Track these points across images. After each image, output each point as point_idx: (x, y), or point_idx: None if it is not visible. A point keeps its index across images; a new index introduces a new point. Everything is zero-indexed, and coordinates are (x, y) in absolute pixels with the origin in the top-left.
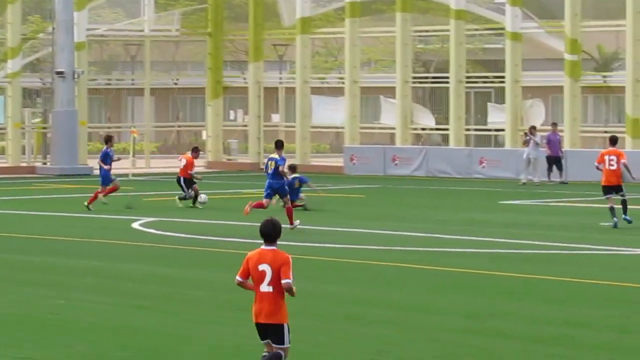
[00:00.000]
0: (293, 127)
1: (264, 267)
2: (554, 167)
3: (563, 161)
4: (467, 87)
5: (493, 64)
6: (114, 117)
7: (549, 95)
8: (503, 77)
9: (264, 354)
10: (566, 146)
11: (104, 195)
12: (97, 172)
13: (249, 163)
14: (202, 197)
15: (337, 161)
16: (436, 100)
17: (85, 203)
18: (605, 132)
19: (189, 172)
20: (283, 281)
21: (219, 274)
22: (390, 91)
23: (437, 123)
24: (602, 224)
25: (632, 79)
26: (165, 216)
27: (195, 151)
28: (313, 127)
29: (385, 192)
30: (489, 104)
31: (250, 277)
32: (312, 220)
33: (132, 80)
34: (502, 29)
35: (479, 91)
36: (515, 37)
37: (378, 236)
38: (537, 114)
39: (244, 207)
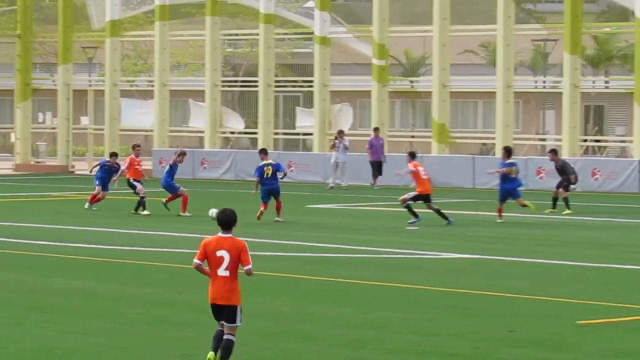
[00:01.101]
0: (102, 129)
1: (223, 253)
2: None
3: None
4: (276, 91)
5: (302, 68)
6: None
7: (357, 100)
8: (312, 81)
9: (218, 327)
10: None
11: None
12: None
13: (58, 166)
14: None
15: (146, 164)
16: (245, 104)
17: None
18: (412, 136)
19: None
20: (245, 267)
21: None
22: (199, 94)
23: (246, 127)
24: (407, 228)
25: (439, 84)
26: None
27: (134, 148)
28: (122, 130)
29: (193, 195)
30: (297, 107)
31: (206, 261)
32: (116, 224)
33: None
34: (311, 33)
35: (287, 95)
36: (324, 41)
37: (184, 239)
38: (345, 118)
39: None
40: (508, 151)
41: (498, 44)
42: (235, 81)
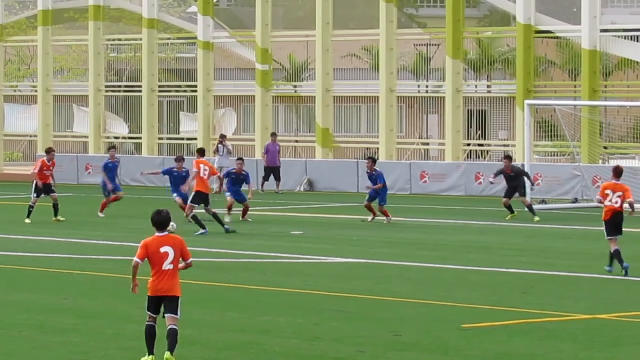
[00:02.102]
0: None
1: (167, 249)
2: (272, 177)
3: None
4: (160, 96)
5: (186, 73)
6: None
7: (240, 105)
8: (195, 86)
9: (148, 322)
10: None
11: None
12: None
13: None
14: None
15: (30, 169)
16: (129, 109)
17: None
18: (297, 141)
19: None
20: (188, 261)
21: None
22: (83, 100)
23: (130, 132)
24: (291, 232)
25: (322, 89)
26: None
27: (48, 153)
28: (6, 135)
29: (78, 200)
30: (181, 113)
31: (145, 260)
32: (0, 230)
33: None
34: (195, 38)
35: (171, 100)
36: (207, 46)
37: (69, 244)
38: (229, 123)
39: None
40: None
41: (381, 48)
42: (119, 86)
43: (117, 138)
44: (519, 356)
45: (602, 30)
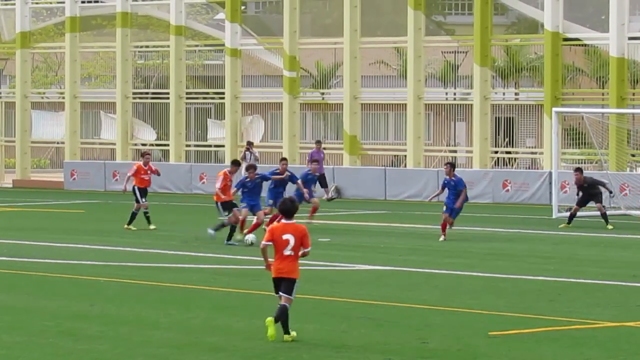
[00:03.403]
0: (13, 142)
1: (288, 236)
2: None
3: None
4: (187, 103)
5: (213, 80)
6: None
7: (268, 112)
8: (223, 93)
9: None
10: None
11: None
12: None
13: None
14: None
15: (57, 176)
16: (157, 116)
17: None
18: (324, 148)
19: None
20: (306, 249)
21: None
22: (110, 106)
23: (157, 138)
24: (319, 239)
25: (350, 96)
26: None
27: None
28: (33, 142)
29: (105, 207)
30: (208, 119)
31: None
32: (28, 237)
33: None
34: (222, 45)
35: (199, 107)
36: (235, 53)
37: (96, 251)
38: (256, 130)
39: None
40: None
41: (409, 55)
42: (146, 93)
43: (144, 145)
44: None
45: (630, 38)
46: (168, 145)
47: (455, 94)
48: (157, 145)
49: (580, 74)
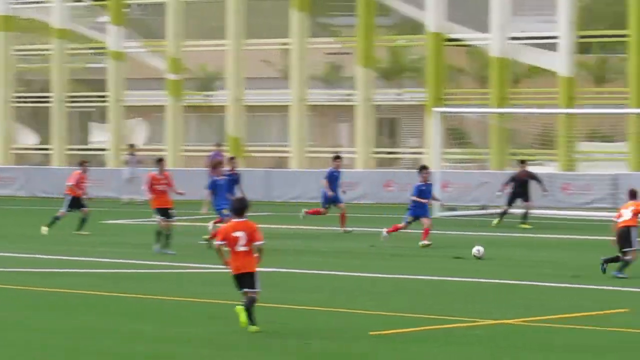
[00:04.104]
0: None
1: (239, 233)
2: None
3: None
4: (69, 107)
5: (96, 83)
6: None
7: (152, 115)
8: (106, 96)
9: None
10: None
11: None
12: None
13: None
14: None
15: None
16: (39, 120)
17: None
18: (208, 151)
19: None
20: (259, 242)
21: None
22: None
23: (40, 142)
24: (199, 242)
25: (234, 99)
26: None
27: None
28: None
29: None
30: (91, 123)
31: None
32: None
33: None
34: (105, 48)
35: (82, 110)
36: (118, 56)
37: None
38: (140, 133)
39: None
40: None
41: (293, 57)
42: (28, 97)
43: (26, 149)
44: None
45: (511, 38)
46: (51, 149)
47: (338, 95)
48: (39, 149)
49: (463, 74)
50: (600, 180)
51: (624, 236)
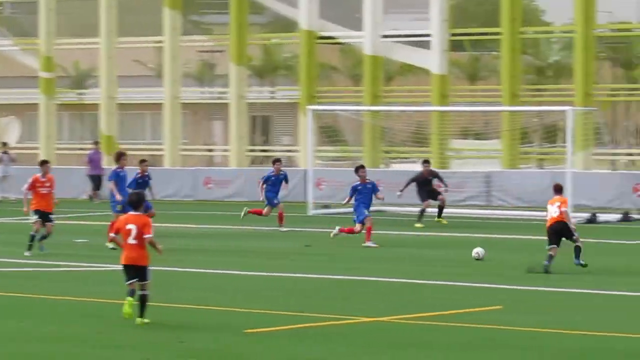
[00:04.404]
0: None
1: (131, 226)
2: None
3: None
4: None
5: None
6: None
7: (24, 113)
8: None
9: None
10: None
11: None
12: None
13: None
14: None
15: None
16: None
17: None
18: (81, 149)
19: None
20: (148, 236)
21: None
22: None
23: None
24: (75, 240)
25: (106, 96)
26: None
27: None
28: None
29: None
30: None
31: (119, 234)
32: None
33: None
34: None
35: None
36: None
37: None
38: (12, 131)
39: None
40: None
41: (165, 55)
42: None
43: None
44: None
45: (384, 36)
46: None
47: (211, 93)
48: None
49: (336, 72)
50: (473, 177)
51: (560, 231)
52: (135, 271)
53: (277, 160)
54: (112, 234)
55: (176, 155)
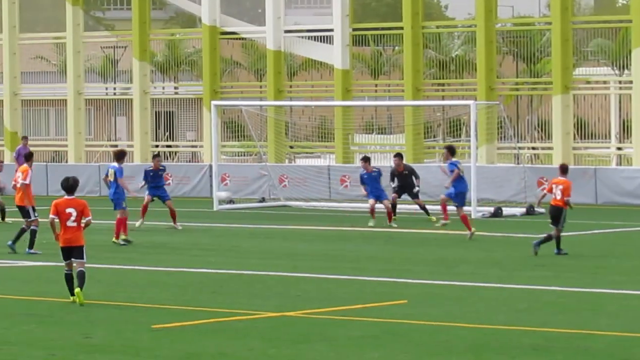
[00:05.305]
0: None
1: (70, 210)
2: None
3: None
4: None
5: None
6: None
7: None
8: None
9: (66, 271)
10: None
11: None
12: None
13: None
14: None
15: None
16: None
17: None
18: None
19: None
20: (87, 219)
21: None
22: None
23: None
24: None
25: (10, 93)
26: None
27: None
28: None
29: None
30: None
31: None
32: None
33: None
34: None
35: None
36: None
37: None
38: None
39: None
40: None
41: (68, 51)
42: None
43: None
44: (209, 355)
45: (286, 31)
46: None
47: (115, 88)
48: None
49: (239, 67)
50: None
51: (552, 215)
52: (73, 251)
53: (156, 156)
54: (51, 216)
55: (80, 150)
